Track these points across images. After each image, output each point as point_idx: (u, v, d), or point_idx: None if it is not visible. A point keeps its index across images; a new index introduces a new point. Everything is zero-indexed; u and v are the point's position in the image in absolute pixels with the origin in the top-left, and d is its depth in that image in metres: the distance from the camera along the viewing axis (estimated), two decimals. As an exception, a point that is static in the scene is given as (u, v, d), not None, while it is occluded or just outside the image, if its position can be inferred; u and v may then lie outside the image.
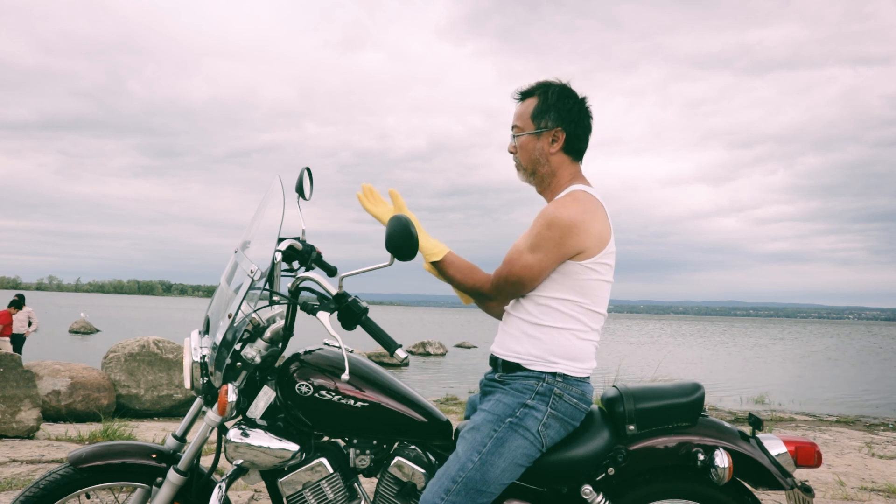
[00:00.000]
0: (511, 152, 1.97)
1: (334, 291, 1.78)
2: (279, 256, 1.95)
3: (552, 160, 1.89)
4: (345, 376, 1.76)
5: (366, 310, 1.76)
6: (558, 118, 1.87)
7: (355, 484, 1.89)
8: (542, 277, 1.83)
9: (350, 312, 1.75)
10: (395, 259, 1.70)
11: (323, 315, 1.78)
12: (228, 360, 1.82)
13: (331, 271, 2.10)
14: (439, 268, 1.91)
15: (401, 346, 1.71)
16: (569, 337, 1.85)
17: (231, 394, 1.77)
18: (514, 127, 1.94)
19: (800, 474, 4.70)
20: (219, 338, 1.82)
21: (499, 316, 2.04)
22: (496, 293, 1.89)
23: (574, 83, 1.92)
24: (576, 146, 1.91)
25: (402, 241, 1.66)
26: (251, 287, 1.80)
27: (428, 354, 26.23)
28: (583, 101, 1.92)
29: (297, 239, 2.04)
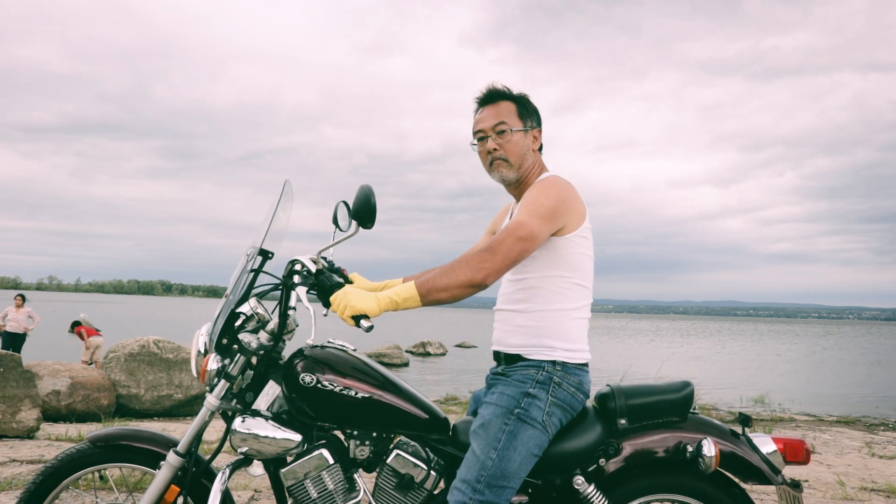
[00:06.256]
0: (492, 150, 2.00)
1: (314, 268, 1.90)
2: (298, 266, 2.05)
3: (534, 156, 2.08)
4: (309, 341, 1.85)
5: (339, 284, 1.84)
6: (538, 120, 2.10)
7: (355, 476, 1.94)
8: (537, 246, 1.84)
9: (322, 286, 1.85)
10: (360, 227, 1.81)
11: (301, 290, 1.89)
12: (225, 341, 1.92)
13: (341, 276, 2.16)
14: (426, 300, 1.76)
15: (366, 316, 1.74)
16: (560, 318, 1.92)
17: (212, 362, 1.89)
18: (500, 124, 2.00)
19: (798, 473, 4.71)
20: (214, 315, 1.95)
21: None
22: (500, 258, 1.76)
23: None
24: (541, 146, 2.11)
25: (361, 208, 1.78)
26: (244, 268, 1.92)
27: (428, 354, 26.25)
28: None
29: (316, 260, 2.14)
